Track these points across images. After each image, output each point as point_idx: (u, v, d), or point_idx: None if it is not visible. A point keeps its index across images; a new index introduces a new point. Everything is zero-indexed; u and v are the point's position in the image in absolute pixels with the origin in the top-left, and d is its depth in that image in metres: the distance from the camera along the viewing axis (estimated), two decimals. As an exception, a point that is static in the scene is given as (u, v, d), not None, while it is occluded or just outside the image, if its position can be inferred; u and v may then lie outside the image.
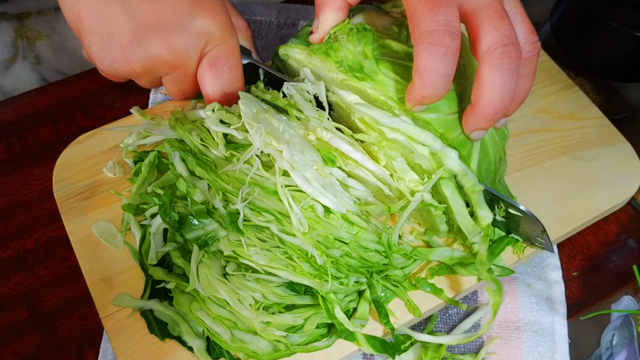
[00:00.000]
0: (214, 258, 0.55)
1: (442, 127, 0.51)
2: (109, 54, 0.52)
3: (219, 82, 0.55)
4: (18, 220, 0.67)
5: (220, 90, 0.55)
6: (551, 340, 0.59)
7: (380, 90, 0.52)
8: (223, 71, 0.54)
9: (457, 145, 0.51)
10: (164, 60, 0.52)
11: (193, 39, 0.52)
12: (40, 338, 0.60)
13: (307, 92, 0.58)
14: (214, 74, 0.54)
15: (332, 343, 0.54)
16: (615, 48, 0.68)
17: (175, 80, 0.55)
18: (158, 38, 0.51)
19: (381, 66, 0.52)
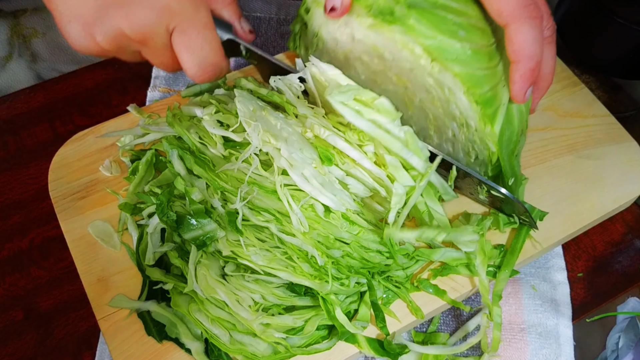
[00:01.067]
0: (212, 258, 0.55)
1: (469, 82, 0.51)
2: (77, 32, 0.52)
3: (194, 56, 0.54)
4: (13, 219, 0.67)
5: (197, 64, 0.55)
6: (556, 343, 0.59)
7: (410, 35, 0.52)
8: (196, 45, 0.54)
9: (483, 102, 0.52)
10: (128, 36, 0.52)
11: (154, 13, 0.51)
12: (35, 340, 0.60)
13: (295, 87, 0.58)
14: (187, 48, 0.54)
15: (332, 345, 0.53)
16: (621, 45, 0.68)
17: (150, 54, 0.55)
18: (119, 14, 0.51)
19: (412, 12, 0.52)
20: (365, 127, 0.53)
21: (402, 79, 0.56)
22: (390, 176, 0.54)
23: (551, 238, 0.60)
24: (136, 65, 0.79)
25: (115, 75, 0.78)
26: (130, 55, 0.56)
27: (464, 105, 0.52)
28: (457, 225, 0.60)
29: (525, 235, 0.59)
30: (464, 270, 0.57)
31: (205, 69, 0.55)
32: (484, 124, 0.53)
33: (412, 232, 0.54)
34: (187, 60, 0.54)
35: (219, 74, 0.57)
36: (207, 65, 0.55)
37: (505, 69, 0.53)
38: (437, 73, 0.52)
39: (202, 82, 0.57)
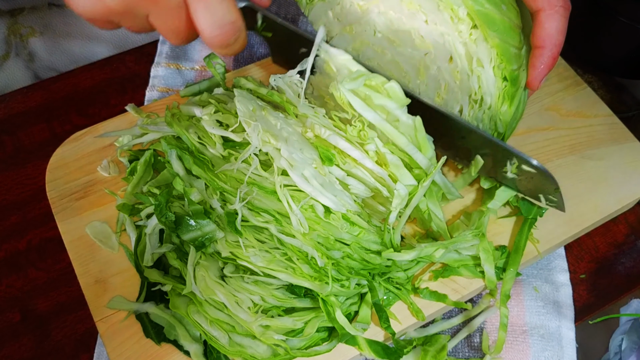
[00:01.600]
0: (211, 260, 0.55)
1: (503, 56, 0.51)
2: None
3: (212, 14, 0.51)
4: (10, 220, 0.67)
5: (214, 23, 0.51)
6: (558, 345, 0.59)
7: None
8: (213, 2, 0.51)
9: (511, 80, 0.52)
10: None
11: None
12: (33, 342, 0.60)
13: (296, 84, 0.57)
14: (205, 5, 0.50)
15: (332, 347, 0.53)
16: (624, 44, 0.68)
17: (160, 16, 0.52)
18: None
19: None
20: (372, 119, 0.53)
21: (426, 42, 0.55)
22: (392, 176, 0.54)
23: (553, 239, 0.60)
24: (135, 65, 0.79)
25: (113, 74, 0.78)
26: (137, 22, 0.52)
27: (489, 79, 0.53)
28: (457, 227, 0.60)
29: (528, 232, 0.59)
30: (466, 272, 0.57)
31: (224, 27, 0.52)
32: (502, 102, 0.53)
33: (409, 253, 0.54)
34: (204, 20, 0.51)
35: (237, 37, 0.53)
36: (225, 23, 0.52)
37: (526, 54, 0.54)
38: (472, 42, 0.52)
39: (220, 45, 0.53)
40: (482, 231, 0.57)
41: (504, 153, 0.55)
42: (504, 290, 0.57)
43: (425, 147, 0.54)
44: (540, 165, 0.54)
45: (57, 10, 0.83)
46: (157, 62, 0.77)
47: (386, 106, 0.53)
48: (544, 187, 0.56)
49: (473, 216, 0.59)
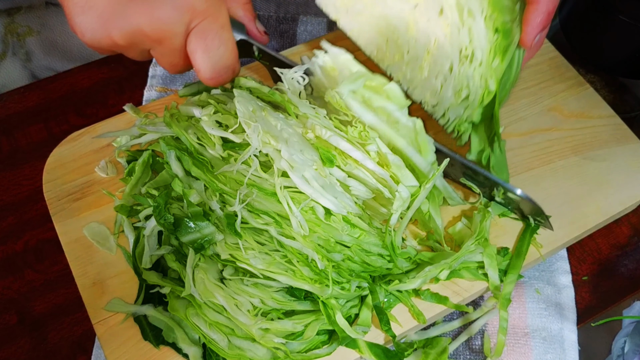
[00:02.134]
0: (210, 262, 0.55)
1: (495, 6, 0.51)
2: (90, 25, 0.51)
3: (210, 58, 0.54)
4: (7, 221, 0.67)
5: (212, 67, 0.54)
6: (560, 348, 0.59)
7: None
8: (212, 46, 0.54)
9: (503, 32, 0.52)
10: (146, 34, 0.51)
11: (177, 12, 0.51)
12: (30, 344, 0.60)
13: (298, 81, 0.57)
14: (203, 49, 0.53)
15: (333, 350, 0.53)
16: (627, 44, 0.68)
17: (162, 54, 0.54)
18: (140, 10, 0.50)
19: None
20: (372, 122, 0.53)
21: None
22: (393, 176, 0.54)
23: (556, 241, 0.60)
24: (133, 64, 0.79)
25: (111, 74, 0.78)
26: (138, 53, 0.55)
27: (480, 32, 0.52)
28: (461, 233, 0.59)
29: (530, 237, 0.59)
30: (468, 274, 0.57)
31: (220, 71, 0.55)
32: (494, 56, 0.52)
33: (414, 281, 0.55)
34: (202, 62, 0.54)
35: (232, 77, 0.57)
36: (221, 68, 0.55)
37: (521, 10, 0.53)
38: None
39: (215, 84, 0.56)
40: (484, 236, 0.57)
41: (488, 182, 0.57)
42: (505, 294, 0.57)
43: (426, 149, 0.54)
44: (524, 195, 0.56)
45: (55, 9, 0.83)
46: (155, 61, 0.77)
47: (386, 108, 0.53)
48: (531, 210, 0.58)
49: (475, 219, 0.59)
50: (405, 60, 0.58)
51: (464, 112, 0.57)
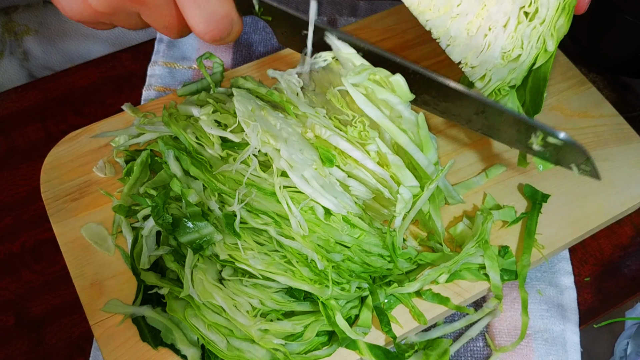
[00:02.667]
0: (209, 262, 0.55)
1: None
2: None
3: (201, 9, 0.49)
4: (4, 222, 0.67)
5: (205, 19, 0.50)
6: (562, 349, 0.59)
7: None
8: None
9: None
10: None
11: None
12: (27, 346, 0.60)
13: (294, 83, 0.57)
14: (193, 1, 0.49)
15: (333, 352, 0.53)
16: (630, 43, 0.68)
17: (151, 15, 0.51)
18: None
19: None
20: (374, 116, 0.52)
21: None
22: (393, 177, 0.54)
23: (558, 241, 0.60)
24: (131, 63, 0.79)
25: (109, 73, 0.78)
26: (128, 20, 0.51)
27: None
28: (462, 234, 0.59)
29: (537, 215, 0.60)
30: (469, 275, 0.57)
31: (216, 22, 0.50)
32: (559, 14, 0.50)
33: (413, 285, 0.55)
34: (195, 15, 0.49)
35: (231, 30, 0.52)
36: (217, 19, 0.50)
37: None
38: None
39: (213, 40, 0.51)
40: (485, 239, 0.57)
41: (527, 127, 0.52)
42: (522, 275, 0.58)
43: (428, 146, 0.54)
44: (568, 138, 0.51)
45: (52, 8, 0.83)
46: (154, 60, 0.77)
47: (389, 101, 0.52)
48: (574, 158, 0.54)
49: (477, 220, 0.59)
50: (453, 13, 0.54)
51: (508, 74, 0.53)
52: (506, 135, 0.54)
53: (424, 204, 0.56)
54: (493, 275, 0.57)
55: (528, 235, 0.59)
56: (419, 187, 0.54)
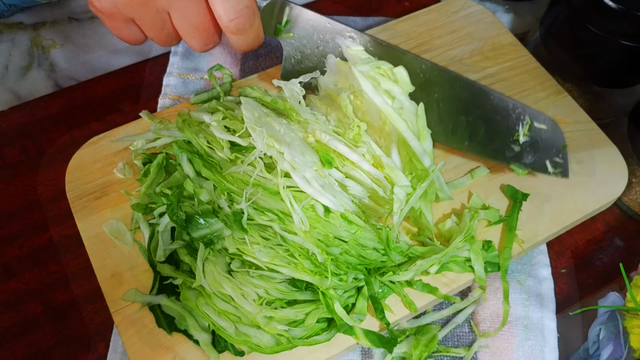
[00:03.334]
0: (219, 255, 0.55)
1: None
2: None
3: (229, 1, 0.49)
4: (33, 218, 0.67)
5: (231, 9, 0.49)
6: (541, 335, 0.59)
7: None
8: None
9: None
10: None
11: None
12: (53, 332, 0.60)
13: (297, 92, 0.57)
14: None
15: (331, 337, 0.53)
16: (602, 56, 0.68)
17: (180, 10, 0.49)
18: None
19: None
20: (379, 103, 0.52)
21: None
22: (387, 177, 0.54)
23: (536, 236, 0.60)
24: (148, 74, 0.79)
25: (128, 84, 0.78)
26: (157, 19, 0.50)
27: None
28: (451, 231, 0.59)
29: (518, 212, 0.60)
30: (456, 267, 0.57)
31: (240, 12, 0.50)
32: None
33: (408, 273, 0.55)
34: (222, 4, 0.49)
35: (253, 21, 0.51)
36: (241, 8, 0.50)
37: None
38: None
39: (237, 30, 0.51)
40: (471, 234, 0.57)
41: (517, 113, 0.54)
42: (504, 267, 0.58)
43: (424, 136, 0.54)
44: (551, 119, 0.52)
45: (77, 24, 0.83)
46: (169, 72, 0.77)
47: (392, 91, 0.53)
48: (551, 148, 0.55)
49: (464, 217, 0.59)
50: None
51: None
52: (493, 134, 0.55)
53: (416, 202, 0.56)
54: (478, 267, 0.57)
55: (509, 230, 0.59)
56: (411, 187, 0.54)
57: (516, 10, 0.83)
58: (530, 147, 0.57)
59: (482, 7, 0.77)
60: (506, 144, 0.58)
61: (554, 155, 0.56)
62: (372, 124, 0.58)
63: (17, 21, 0.83)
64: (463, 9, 0.77)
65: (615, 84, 0.72)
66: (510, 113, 0.56)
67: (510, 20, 0.83)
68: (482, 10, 0.77)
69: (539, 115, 0.53)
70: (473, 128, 0.58)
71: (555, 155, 0.56)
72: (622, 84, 0.72)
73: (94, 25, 0.84)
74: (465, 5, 0.77)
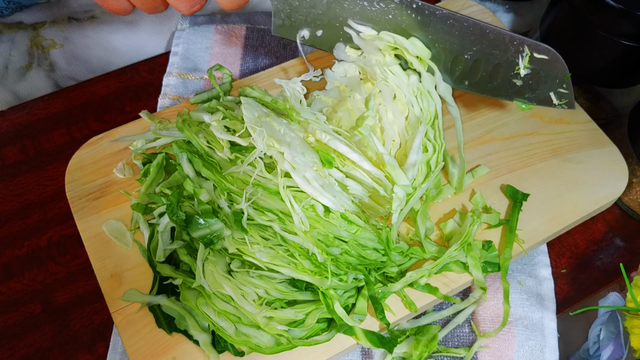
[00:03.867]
0: (219, 255, 0.55)
1: None
2: None
3: None
4: (32, 219, 0.67)
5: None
6: (541, 335, 0.59)
7: None
8: None
9: None
10: None
11: None
12: (53, 332, 0.60)
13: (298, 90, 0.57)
14: None
15: (331, 337, 0.53)
16: (602, 55, 0.68)
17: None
18: None
19: None
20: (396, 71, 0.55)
21: None
22: (388, 177, 0.54)
23: (537, 237, 0.60)
24: (148, 74, 0.79)
25: (128, 83, 0.78)
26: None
27: None
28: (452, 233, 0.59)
29: (518, 212, 0.60)
30: (456, 267, 0.57)
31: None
32: None
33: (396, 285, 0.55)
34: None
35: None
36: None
37: None
38: None
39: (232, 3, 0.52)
40: (468, 241, 0.56)
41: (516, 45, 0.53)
42: (504, 267, 0.58)
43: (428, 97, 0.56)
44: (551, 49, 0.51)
45: (76, 24, 0.83)
46: (168, 72, 0.77)
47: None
48: (554, 79, 0.54)
49: (466, 221, 0.58)
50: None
51: None
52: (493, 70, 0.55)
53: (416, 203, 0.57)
54: (476, 273, 0.57)
55: (510, 230, 0.59)
56: (411, 187, 0.54)
57: (516, 10, 0.83)
58: (532, 80, 0.55)
59: (482, 7, 0.77)
60: (507, 79, 0.56)
61: (557, 86, 0.54)
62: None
63: (16, 21, 0.83)
64: (463, 9, 0.77)
65: (616, 83, 0.72)
66: (508, 46, 0.54)
67: (511, 20, 0.83)
68: (482, 10, 0.77)
69: (538, 46, 0.52)
70: (472, 66, 0.57)
71: (559, 86, 0.54)
72: (622, 83, 0.72)
73: (93, 25, 0.84)
74: (466, 5, 0.77)
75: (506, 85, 0.57)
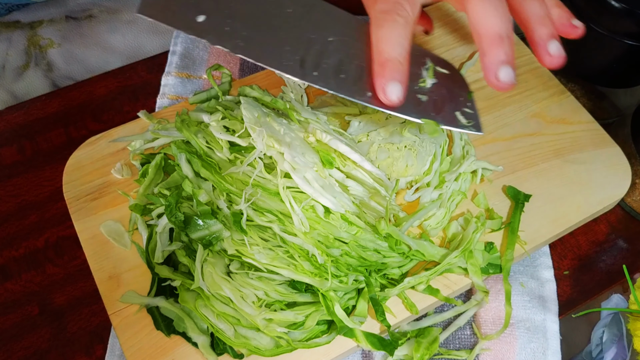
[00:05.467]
0: (218, 257, 0.55)
1: None
2: None
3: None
4: (29, 220, 0.67)
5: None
6: (543, 337, 0.59)
7: None
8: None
9: None
10: None
11: None
12: (50, 334, 0.60)
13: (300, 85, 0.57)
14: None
15: (332, 339, 0.53)
16: (605, 55, 0.68)
17: None
18: None
19: None
20: None
21: None
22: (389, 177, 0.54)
23: (539, 238, 0.60)
24: (146, 74, 0.79)
25: (126, 83, 0.78)
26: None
27: None
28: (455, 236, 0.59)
29: (520, 214, 0.60)
30: (458, 270, 0.57)
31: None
32: None
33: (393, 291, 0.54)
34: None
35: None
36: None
37: None
38: None
39: None
40: (469, 249, 0.56)
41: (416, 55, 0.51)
42: (506, 268, 0.58)
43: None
44: (449, 62, 0.51)
45: (74, 23, 0.83)
46: (167, 71, 0.77)
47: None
48: (457, 99, 0.52)
49: (469, 227, 0.58)
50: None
51: None
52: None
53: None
54: (476, 279, 0.57)
55: (512, 232, 0.59)
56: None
57: (518, 9, 0.83)
58: (437, 95, 0.51)
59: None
60: (412, 95, 0.52)
61: (462, 104, 0.52)
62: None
63: (13, 20, 0.83)
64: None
65: (619, 83, 0.72)
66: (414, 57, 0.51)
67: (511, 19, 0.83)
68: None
69: (438, 59, 0.50)
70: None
71: (463, 105, 0.51)
72: (625, 83, 0.72)
73: (91, 24, 0.84)
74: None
75: (412, 102, 0.52)
